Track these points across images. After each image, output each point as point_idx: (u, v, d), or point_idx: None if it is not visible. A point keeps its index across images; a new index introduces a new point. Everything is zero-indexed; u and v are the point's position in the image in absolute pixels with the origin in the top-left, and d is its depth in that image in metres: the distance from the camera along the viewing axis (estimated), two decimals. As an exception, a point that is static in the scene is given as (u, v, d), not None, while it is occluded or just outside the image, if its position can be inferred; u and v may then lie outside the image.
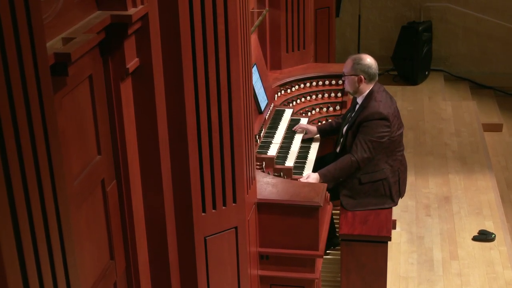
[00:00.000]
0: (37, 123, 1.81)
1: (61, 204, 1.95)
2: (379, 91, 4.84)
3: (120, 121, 2.95)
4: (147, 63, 3.04)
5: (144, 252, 3.33)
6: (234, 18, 3.32)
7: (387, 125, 4.72)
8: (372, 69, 4.86)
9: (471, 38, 9.21)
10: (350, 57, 4.98)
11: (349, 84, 4.92)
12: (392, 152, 4.86)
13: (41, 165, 1.83)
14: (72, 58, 2.22)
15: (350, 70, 4.88)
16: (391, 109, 4.78)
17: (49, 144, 1.87)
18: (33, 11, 1.77)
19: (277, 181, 4.26)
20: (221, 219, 3.61)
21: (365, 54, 4.98)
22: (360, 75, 4.84)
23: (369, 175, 4.83)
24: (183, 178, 3.41)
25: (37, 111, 1.81)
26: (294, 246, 4.08)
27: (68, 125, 2.50)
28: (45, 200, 1.86)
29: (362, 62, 4.86)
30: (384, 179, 4.84)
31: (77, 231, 2.57)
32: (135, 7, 2.81)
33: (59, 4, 2.36)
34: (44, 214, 1.86)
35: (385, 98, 4.81)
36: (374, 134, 4.71)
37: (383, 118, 4.71)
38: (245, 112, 3.62)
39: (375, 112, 4.71)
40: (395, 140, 4.84)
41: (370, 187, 4.85)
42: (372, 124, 4.71)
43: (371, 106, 4.75)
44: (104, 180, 2.88)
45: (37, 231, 1.82)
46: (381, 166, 4.83)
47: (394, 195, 4.91)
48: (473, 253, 5.54)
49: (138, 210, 3.21)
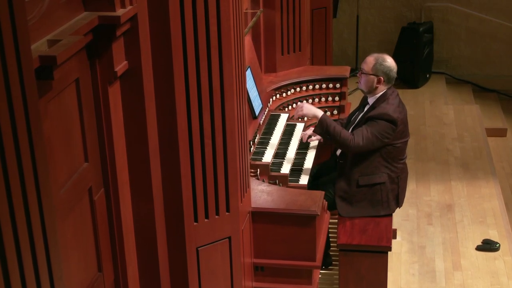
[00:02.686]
0: (21, 129, 1.81)
1: (46, 213, 1.95)
2: (393, 95, 4.86)
3: (108, 127, 2.95)
4: (136, 66, 3.04)
5: (134, 263, 3.32)
6: (227, 19, 3.32)
7: (393, 128, 4.74)
8: (393, 72, 4.87)
9: (474, 39, 9.24)
10: (372, 55, 4.95)
11: (365, 83, 4.91)
12: (393, 160, 4.87)
13: (25, 173, 1.83)
14: (58, 61, 2.22)
15: (371, 69, 4.87)
16: (401, 115, 4.79)
17: (34, 151, 1.87)
18: (17, 12, 1.77)
19: (272, 189, 4.26)
20: (214, 228, 3.61)
21: (386, 54, 4.97)
22: (380, 76, 4.84)
23: (368, 177, 4.85)
24: (174, 186, 3.41)
25: (22, 116, 1.81)
26: (290, 257, 4.08)
27: (54, 131, 2.50)
28: (30, 210, 1.86)
29: (385, 63, 4.86)
30: (382, 183, 4.86)
31: (63, 242, 2.57)
32: (124, 7, 2.81)
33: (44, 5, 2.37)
34: (29, 224, 1.86)
35: (398, 103, 4.84)
36: (379, 131, 4.74)
37: (391, 121, 4.73)
38: (239, 117, 3.62)
39: (385, 113, 4.74)
40: (399, 147, 4.85)
41: (367, 191, 4.86)
42: (380, 123, 4.74)
43: (382, 107, 4.79)
44: (91, 189, 2.88)
45: (22, 242, 1.82)
46: (381, 169, 4.85)
47: (391, 203, 4.92)
48: (476, 264, 5.55)
49: (127, 220, 3.21)
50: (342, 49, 9.44)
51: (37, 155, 1.89)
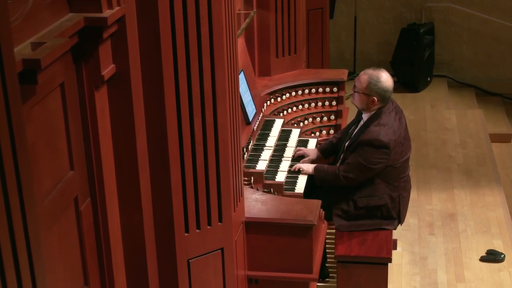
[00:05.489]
0: (3, 135, 1.81)
1: (30, 224, 1.95)
2: (387, 112, 4.80)
3: (95, 133, 2.95)
4: (124, 70, 3.04)
5: (122, 276, 3.32)
6: (219, 20, 3.33)
7: (386, 152, 4.71)
8: (388, 93, 4.81)
9: (476, 41, 9.27)
10: (366, 72, 4.88)
11: (359, 101, 4.89)
12: (394, 179, 4.86)
13: (8, 182, 1.83)
14: (42, 65, 2.22)
15: (365, 88, 4.81)
16: (395, 135, 4.75)
17: (17, 158, 1.87)
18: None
19: (267, 197, 4.26)
20: (205, 240, 3.61)
21: (382, 70, 4.89)
22: (373, 96, 4.80)
23: (367, 199, 4.84)
24: (164, 195, 3.41)
25: (4, 122, 1.81)
26: (286, 269, 4.08)
27: (38, 138, 2.50)
28: (12, 220, 1.85)
29: (380, 84, 4.78)
30: (383, 205, 4.85)
31: (48, 254, 2.56)
32: (111, 8, 2.81)
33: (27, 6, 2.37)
34: (11, 236, 1.85)
35: (392, 122, 4.78)
36: (367, 159, 4.72)
37: (382, 146, 4.70)
38: (232, 123, 3.62)
39: (375, 138, 4.70)
40: (398, 167, 4.83)
41: (366, 212, 4.86)
42: (368, 150, 4.71)
43: (372, 131, 4.74)
44: (77, 198, 2.87)
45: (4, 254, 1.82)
46: (381, 191, 4.83)
47: (392, 221, 4.91)
48: (480, 275, 5.56)
49: (115, 231, 3.21)
50: (339, 52, 9.46)
51: (20, 163, 1.89)
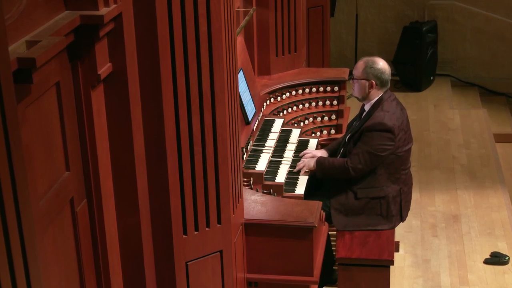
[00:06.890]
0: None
1: (25, 226, 1.95)
2: (389, 100, 4.86)
3: (91, 134, 2.95)
4: (121, 68, 3.05)
5: (119, 279, 3.32)
6: (218, 19, 3.33)
7: (391, 138, 4.74)
8: (385, 75, 4.91)
9: (480, 39, 9.28)
10: (362, 59, 5.01)
11: (358, 89, 4.94)
12: (396, 170, 4.86)
13: (2, 183, 1.83)
14: (37, 64, 2.22)
15: (361, 73, 4.91)
16: (398, 121, 4.79)
17: (11, 159, 1.87)
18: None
19: (267, 199, 4.26)
20: (204, 242, 3.61)
21: (378, 57, 5.01)
22: (371, 80, 4.87)
23: (367, 190, 4.84)
24: (161, 197, 3.41)
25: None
26: (286, 272, 4.08)
27: (33, 138, 2.50)
28: (7, 222, 1.86)
29: (375, 66, 4.90)
30: (382, 197, 4.85)
31: (43, 257, 2.56)
32: (107, 6, 2.82)
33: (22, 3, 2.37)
34: (6, 238, 1.86)
35: (394, 109, 4.83)
36: (373, 146, 4.73)
37: (387, 130, 4.72)
38: (231, 123, 3.63)
39: (379, 122, 4.74)
40: (401, 156, 4.85)
41: (365, 204, 4.85)
42: (374, 135, 4.74)
43: (376, 116, 4.78)
44: (73, 199, 2.87)
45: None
46: (382, 182, 4.84)
47: (393, 217, 4.91)
48: (484, 278, 5.56)
49: (112, 233, 3.21)
50: (340, 50, 9.46)
51: (15, 163, 1.89)
